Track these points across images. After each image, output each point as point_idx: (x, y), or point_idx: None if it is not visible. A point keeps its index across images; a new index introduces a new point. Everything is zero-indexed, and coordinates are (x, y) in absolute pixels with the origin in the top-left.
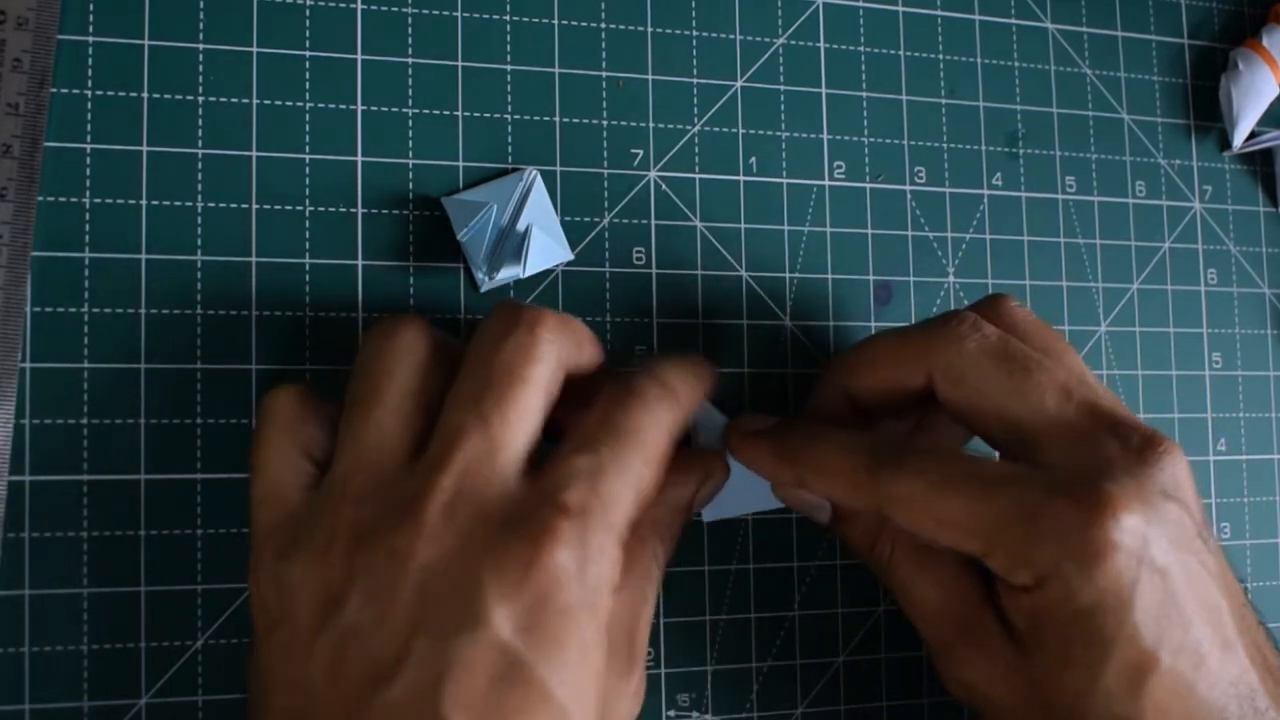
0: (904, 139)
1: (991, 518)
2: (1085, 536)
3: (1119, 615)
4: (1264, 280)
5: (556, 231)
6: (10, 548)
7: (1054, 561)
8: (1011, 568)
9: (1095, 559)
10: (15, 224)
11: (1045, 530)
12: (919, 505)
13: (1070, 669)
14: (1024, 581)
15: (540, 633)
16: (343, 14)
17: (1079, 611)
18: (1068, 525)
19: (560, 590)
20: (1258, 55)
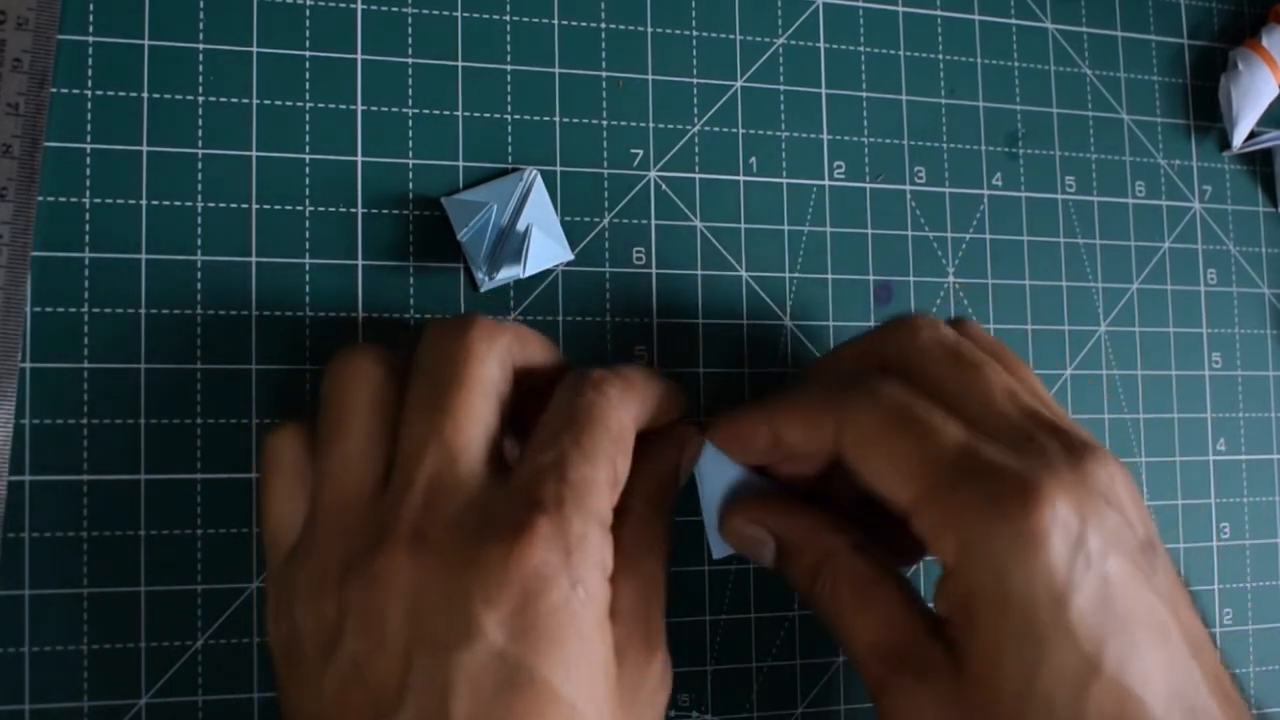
0: (904, 139)
1: (932, 467)
2: (1022, 515)
3: (1054, 611)
4: (1264, 280)
5: (556, 231)
6: (10, 548)
7: (984, 535)
8: (938, 530)
9: (1030, 541)
10: (15, 224)
11: (982, 496)
12: (868, 438)
13: (1005, 670)
14: (948, 552)
15: (535, 633)
16: (343, 14)
17: (1011, 600)
18: (1005, 499)
19: (547, 587)
20: (1257, 55)
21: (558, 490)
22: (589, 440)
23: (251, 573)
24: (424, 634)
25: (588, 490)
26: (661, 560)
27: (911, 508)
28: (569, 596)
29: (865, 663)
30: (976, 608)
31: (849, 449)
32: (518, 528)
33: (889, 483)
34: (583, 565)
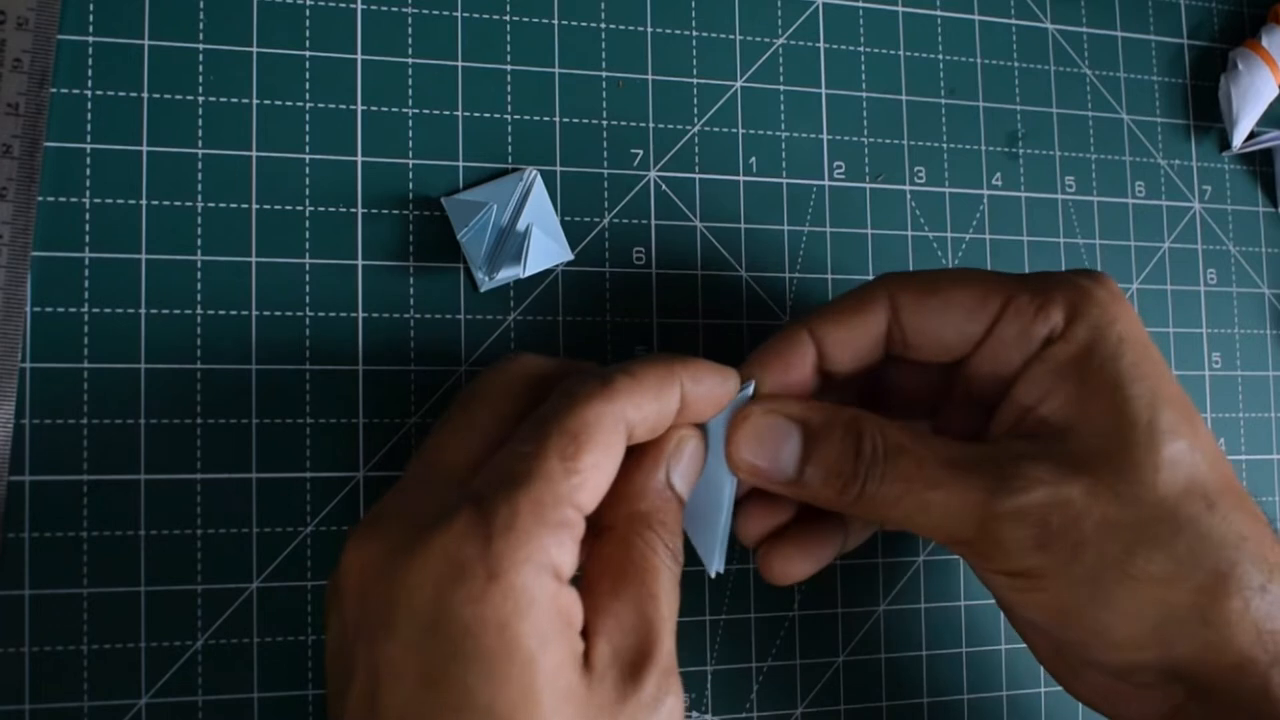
0: (904, 139)
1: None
2: (1103, 282)
3: (1149, 348)
4: (1263, 280)
5: (556, 231)
6: (10, 548)
7: (1087, 291)
8: (1042, 305)
9: (1118, 298)
10: (15, 224)
11: (1062, 274)
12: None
13: (1133, 401)
14: (1055, 320)
15: (449, 628)
16: (343, 14)
17: (1126, 338)
18: (1085, 276)
19: (459, 579)
20: (1257, 55)
21: (488, 480)
22: (536, 433)
23: (251, 573)
24: (363, 621)
25: (522, 481)
26: (660, 576)
27: (1007, 303)
28: (485, 590)
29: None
30: (1091, 357)
31: (911, 309)
32: (440, 517)
33: (969, 302)
34: (506, 558)
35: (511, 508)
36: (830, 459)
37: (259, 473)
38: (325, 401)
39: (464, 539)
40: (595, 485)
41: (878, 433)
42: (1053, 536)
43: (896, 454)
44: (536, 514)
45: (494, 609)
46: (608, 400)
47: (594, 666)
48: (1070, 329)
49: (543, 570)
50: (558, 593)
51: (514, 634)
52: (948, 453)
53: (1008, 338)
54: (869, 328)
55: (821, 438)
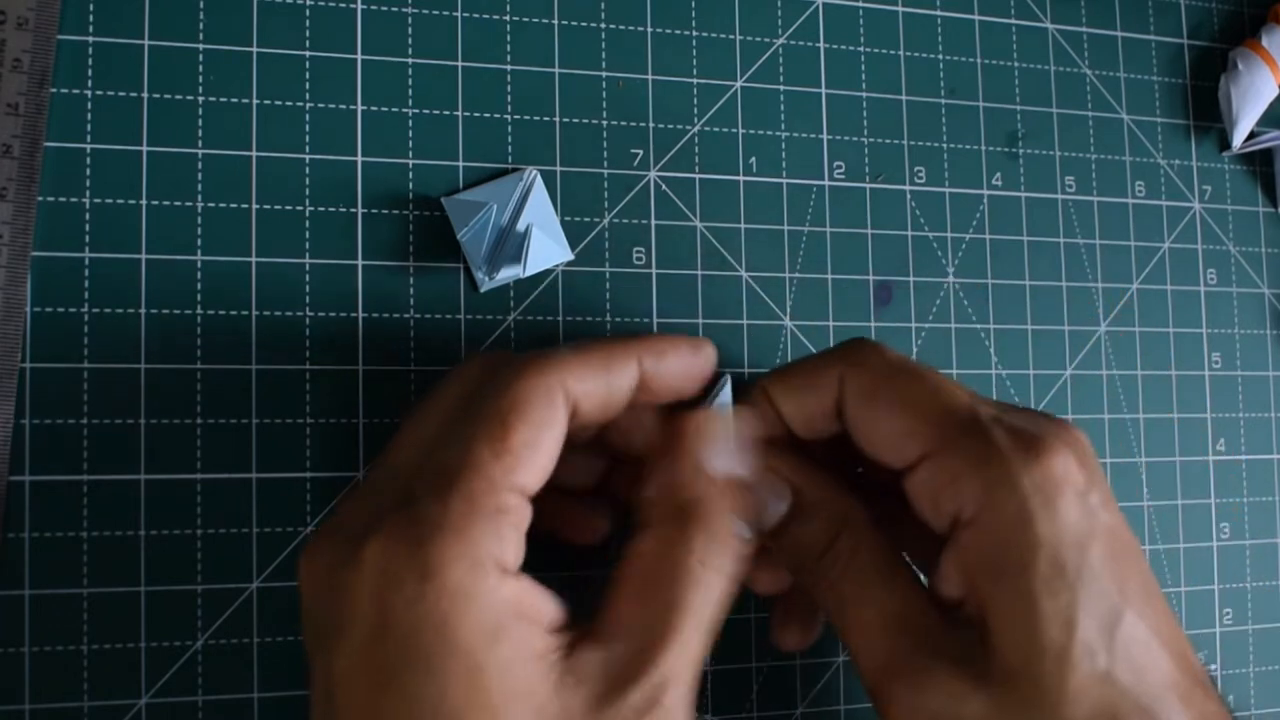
0: (904, 139)
1: (949, 414)
2: (1046, 459)
3: (1079, 554)
4: (1263, 280)
5: (556, 231)
6: (10, 548)
7: (1010, 478)
8: (957, 479)
9: (1053, 485)
10: (15, 224)
11: (1006, 442)
12: (877, 384)
13: (1041, 624)
14: (968, 502)
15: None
16: (343, 14)
17: (1040, 545)
18: (1027, 446)
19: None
20: (1257, 55)
21: (422, 478)
22: (466, 421)
23: (251, 573)
24: (316, 632)
25: (451, 474)
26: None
27: (926, 456)
28: (421, 592)
29: (878, 643)
30: (1001, 560)
31: (854, 402)
32: (372, 525)
33: (898, 433)
34: (437, 557)
35: (441, 504)
36: (803, 539)
37: (259, 473)
38: (325, 401)
39: (396, 543)
40: (533, 464)
41: (849, 546)
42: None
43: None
44: (467, 507)
45: (430, 609)
46: (539, 373)
47: (576, 669)
48: (981, 519)
49: (478, 565)
50: (499, 585)
51: (453, 632)
52: (891, 604)
53: (918, 487)
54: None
55: (806, 515)
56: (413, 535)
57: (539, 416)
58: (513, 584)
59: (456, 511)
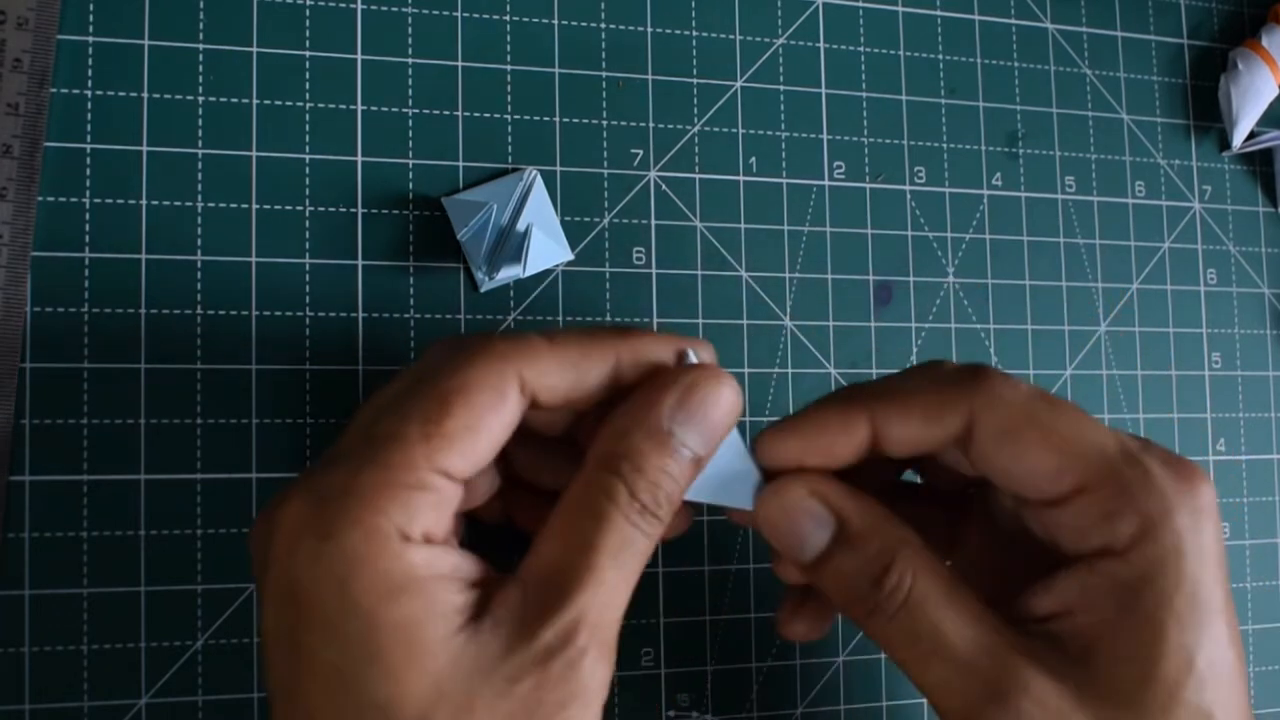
0: (904, 139)
1: (1099, 449)
2: (1195, 495)
3: (1213, 588)
4: (1263, 280)
5: (556, 231)
6: (10, 548)
7: (1169, 510)
8: (1112, 511)
9: (1204, 517)
10: (15, 224)
11: (1158, 476)
12: (1018, 420)
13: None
14: (1121, 533)
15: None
16: (343, 14)
17: (1184, 577)
18: (1184, 477)
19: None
20: (1257, 55)
21: (346, 449)
22: (408, 395)
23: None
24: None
25: (372, 446)
26: (604, 526)
27: (1080, 492)
28: (318, 552)
29: (958, 672)
30: (1142, 590)
31: (991, 440)
32: (294, 487)
33: (1048, 471)
34: (335, 521)
35: (352, 472)
36: (852, 569)
37: (259, 473)
38: (325, 401)
39: (303, 505)
40: (468, 449)
41: (909, 571)
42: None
43: (918, 604)
44: (379, 479)
45: (327, 570)
46: (496, 358)
47: (492, 615)
48: (1133, 551)
49: (377, 531)
50: (402, 551)
51: (350, 593)
52: (967, 626)
53: (1066, 519)
54: (940, 434)
55: (854, 543)
56: (318, 498)
57: (482, 401)
58: (421, 551)
59: (366, 481)
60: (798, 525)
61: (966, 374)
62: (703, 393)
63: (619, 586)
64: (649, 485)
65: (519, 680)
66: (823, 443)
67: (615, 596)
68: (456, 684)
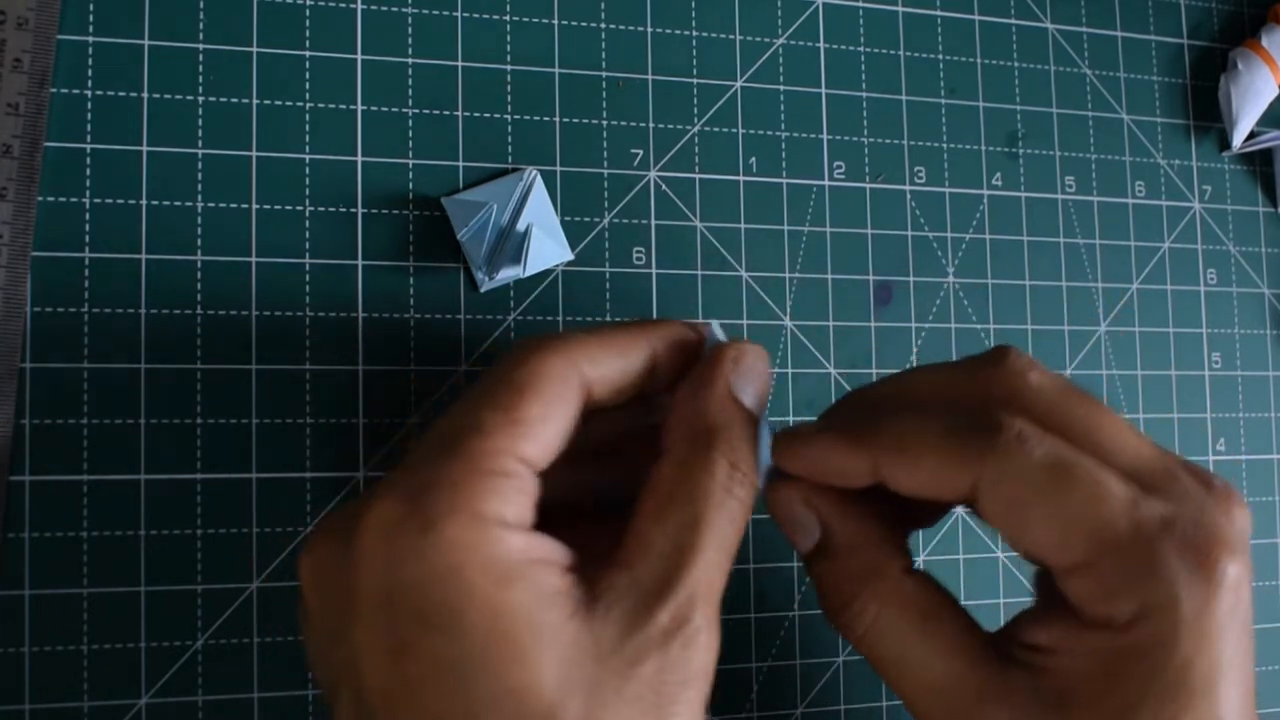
0: (904, 139)
1: (1106, 529)
2: (1205, 577)
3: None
4: (1263, 280)
5: (556, 231)
6: (10, 548)
7: (1169, 597)
8: (1114, 590)
9: (1213, 600)
10: (15, 224)
11: (1167, 561)
12: (1024, 496)
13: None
14: (1121, 614)
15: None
16: (343, 14)
17: (1171, 663)
18: (1191, 565)
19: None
20: (1257, 55)
21: (429, 444)
22: (474, 391)
23: (251, 573)
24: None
25: (456, 437)
26: (709, 501)
27: (1079, 568)
28: (422, 545)
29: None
30: (1129, 663)
31: (997, 507)
32: (373, 494)
33: (1048, 543)
34: (435, 510)
35: (441, 464)
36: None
37: (259, 473)
38: (325, 401)
39: (395, 502)
40: (542, 438)
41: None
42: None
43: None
44: (468, 467)
45: (436, 561)
46: (558, 352)
47: (603, 597)
48: (1130, 629)
49: (478, 518)
50: (504, 536)
51: (462, 580)
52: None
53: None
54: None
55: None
56: (411, 493)
57: (554, 392)
58: (519, 536)
59: (457, 470)
60: (790, 523)
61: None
62: (750, 360)
63: (724, 560)
64: (743, 453)
65: (640, 662)
66: (827, 471)
67: (721, 570)
68: (583, 668)
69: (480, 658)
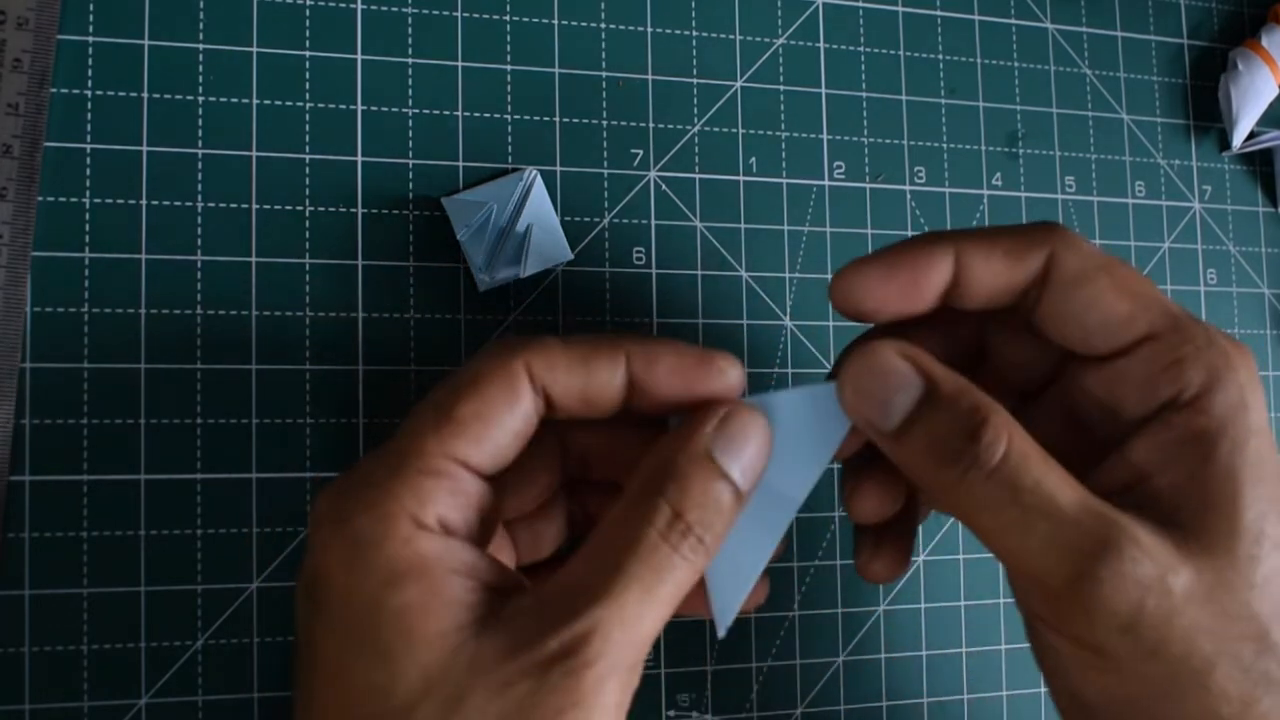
0: (904, 139)
1: (1165, 304)
2: (1247, 358)
3: (1270, 446)
4: (1263, 280)
5: (556, 231)
6: (10, 548)
7: (1232, 364)
8: (1181, 357)
9: (1257, 379)
10: (15, 224)
11: (1214, 334)
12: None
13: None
14: (1190, 383)
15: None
16: (343, 14)
17: (1250, 430)
18: (1231, 342)
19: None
20: (1257, 55)
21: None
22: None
23: (251, 573)
24: None
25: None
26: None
27: (1149, 339)
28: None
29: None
30: (1216, 440)
31: (1067, 283)
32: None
33: (1119, 317)
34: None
35: (371, 463)
36: (944, 428)
37: (259, 473)
38: (325, 401)
39: (325, 498)
40: (481, 438)
41: (1004, 428)
42: (1143, 621)
43: (1019, 459)
44: (393, 464)
45: (339, 554)
46: (506, 353)
47: (501, 616)
48: (1204, 400)
49: (388, 516)
50: (412, 537)
51: (354, 576)
52: (1065, 485)
53: (1133, 374)
54: (1021, 273)
55: (945, 403)
56: (340, 488)
57: (492, 391)
58: (434, 540)
59: (381, 467)
60: (886, 385)
61: (1044, 225)
62: (740, 421)
63: (647, 611)
64: (694, 506)
65: (514, 684)
66: (905, 277)
67: (640, 621)
68: (449, 677)
69: (353, 652)
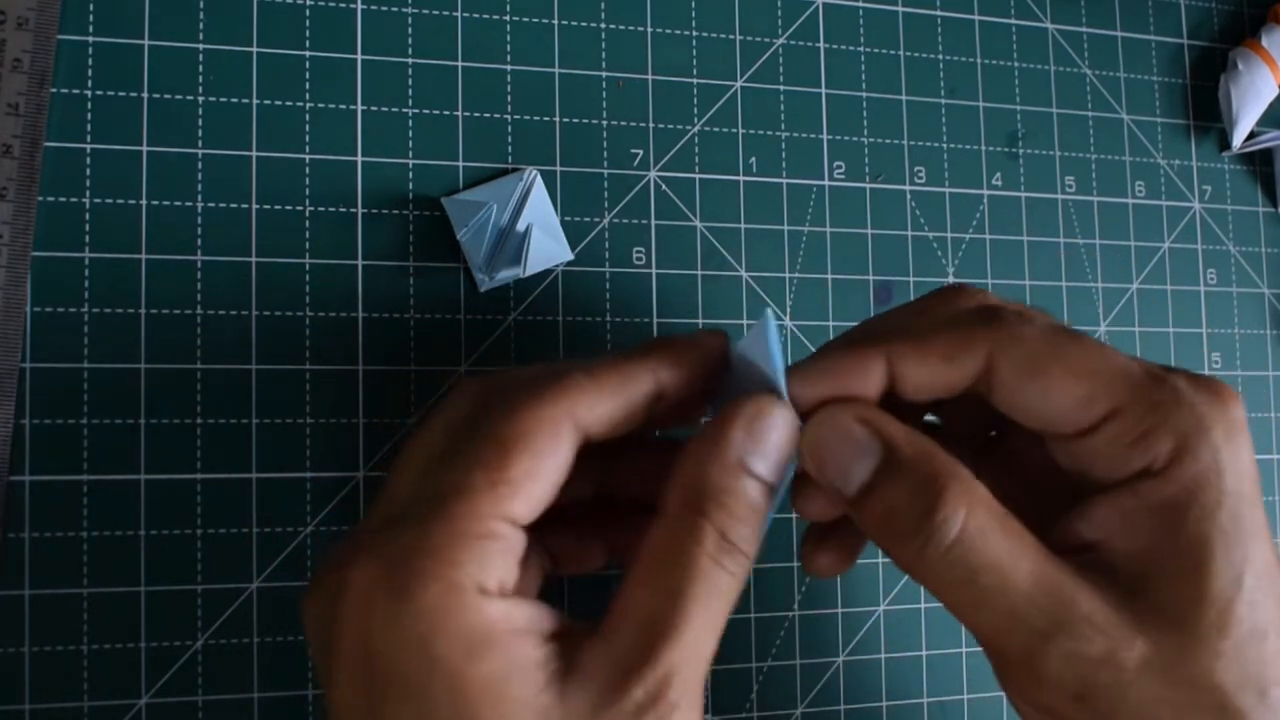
0: (904, 139)
1: (1125, 372)
2: (1226, 409)
3: (1253, 506)
4: (1263, 280)
5: (556, 231)
6: (10, 548)
7: (1203, 427)
8: (1148, 428)
9: (1237, 432)
10: (15, 224)
11: (1188, 393)
12: (1040, 354)
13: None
14: (1158, 452)
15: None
16: (343, 14)
17: (1225, 494)
18: (1213, 392)
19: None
20: (1257, 55)
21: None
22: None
23: (251, 573)
24: (321, 674)
25: (439, 500)
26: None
27: (1112, 415)
28: (395, 614)
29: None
30: (1184, 509)
31: (1014, 376)
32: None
33: (1073, 398)
34: (413, 579)
35: (422, 528)
36: (901, 500)
37: (259, 473)
38: (325, 401)
39: (375, 567)
40: (532, 494)
41: (963, 499)
42: (1095, 692)
43: (975, 538)
44: (449, 529)
45: (407, 630)
46: (548, 402)
47: (579, 669)
48: (1172, 469)
49: (455, 587)
50: (481, 605)
51: (431, 650)
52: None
53: (1099, 451)
54: (959, 375)
55: (903, 472)
56: (390, 558)
57: (542, 447)
58: (499, 604)
59: (437, 534)
60: (843, 453)
61: (981, 314)
62: (767, 420)
63: (708, 635)
64: (736, 522)
65: None
66: (840, 384)
67: (704, 647)
68: None
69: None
